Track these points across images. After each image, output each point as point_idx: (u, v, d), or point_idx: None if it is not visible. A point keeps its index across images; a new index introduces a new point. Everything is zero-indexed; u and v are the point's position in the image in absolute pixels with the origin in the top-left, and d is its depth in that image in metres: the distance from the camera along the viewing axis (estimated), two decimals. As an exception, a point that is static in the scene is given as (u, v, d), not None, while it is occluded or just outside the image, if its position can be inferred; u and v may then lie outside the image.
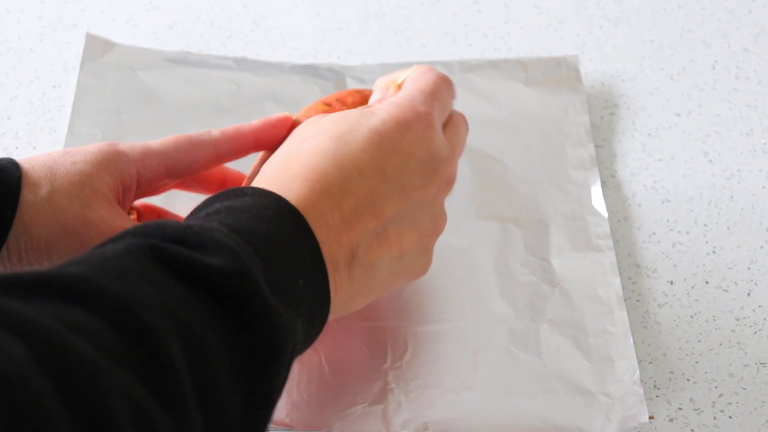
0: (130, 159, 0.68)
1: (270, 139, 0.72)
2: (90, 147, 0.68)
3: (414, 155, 0.62)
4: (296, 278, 0.54)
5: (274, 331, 0.50)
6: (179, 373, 0.45)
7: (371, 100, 0.69)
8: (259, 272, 0.51)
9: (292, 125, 0.71)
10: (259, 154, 0.72)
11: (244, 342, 0.49)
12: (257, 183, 0.60)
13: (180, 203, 0.77)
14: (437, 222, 0.65)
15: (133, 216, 0.73)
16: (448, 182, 0.65)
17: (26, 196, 0.64)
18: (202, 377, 0.46)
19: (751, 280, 0.78)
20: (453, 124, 0.67)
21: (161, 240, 0.50)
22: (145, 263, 0.48)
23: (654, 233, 0.80)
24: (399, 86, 0.68)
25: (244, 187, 0.57)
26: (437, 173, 0.63)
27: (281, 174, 0.59)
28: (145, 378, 0.44)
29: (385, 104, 0.64)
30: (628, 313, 0.75)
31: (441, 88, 0.66)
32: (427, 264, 0.66)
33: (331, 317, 0.59)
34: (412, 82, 0.67)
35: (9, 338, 0.40)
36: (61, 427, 0.39)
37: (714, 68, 0.92)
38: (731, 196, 0.83)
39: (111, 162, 0.67)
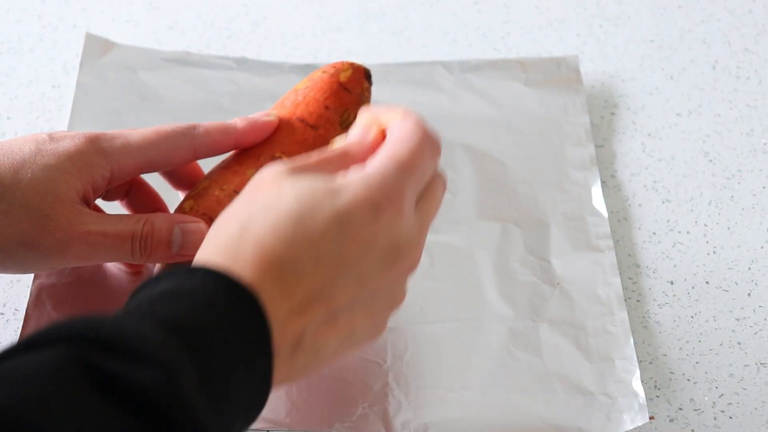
0: (108, 161, 0.68)
1: (251, 143, 0.72)
2: (70, 143, 0.68)
3: (375, 245, 0.57)
4: (238, 372, 0.52)
5: None
6: None
7: (350, 136, 0.64)
8: (194, 386, 0.49)
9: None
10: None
11: None
12: (207, 248, 0.57)
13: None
14: (395, 300, 0.61)
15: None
16: (411, 267, 0.60)
17: None
18: None
19: (752, 280, 0.78)
20: (429, 191, 0.62)
21: (93, 346, 0.48)
22: (71, 385, 0.46)
23: (654, 233, 0.80)
24: (382, 132, 0.63)
25: (195, 267, 0.54)
26: (399, 261, 0.59)
27: (234, 251, 0.56)
28: None
29: (355, 183, 0.58)
30: (628, 313, 0.75)
31: (423, 154, 0.60)
32: (379, 333, 0.62)
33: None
34: (391, 150, 0.60)
35: None
36: None
37: (714, 68, 0.92)
38: (731, 196, 0.83)
39: (85, 166, 0.67)
